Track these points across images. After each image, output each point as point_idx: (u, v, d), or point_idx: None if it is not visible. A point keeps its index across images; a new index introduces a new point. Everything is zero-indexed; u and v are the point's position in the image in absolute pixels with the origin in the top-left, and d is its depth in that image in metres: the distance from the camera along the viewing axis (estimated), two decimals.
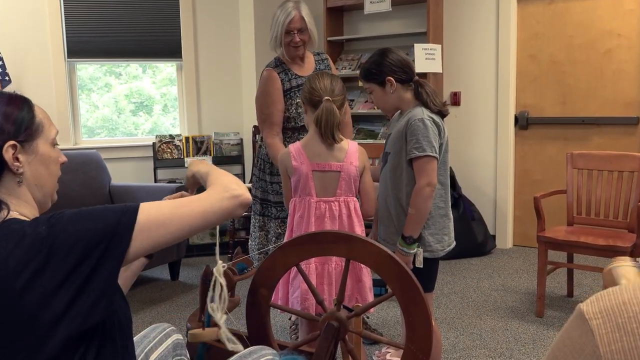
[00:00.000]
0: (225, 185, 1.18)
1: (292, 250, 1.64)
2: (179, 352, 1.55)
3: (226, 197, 1.15)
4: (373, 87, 2.16)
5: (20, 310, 1.00)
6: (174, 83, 4.98)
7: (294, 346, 1.73)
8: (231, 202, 1.16)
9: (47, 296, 1.00)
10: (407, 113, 2.11)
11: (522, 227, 4.67)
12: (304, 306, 2.11)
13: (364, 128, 4.88)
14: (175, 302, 3.58)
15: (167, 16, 4.73)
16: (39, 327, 1.00)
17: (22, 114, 1.13)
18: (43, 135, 1.17)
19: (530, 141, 4.56)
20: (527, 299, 3.47)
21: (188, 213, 1.11)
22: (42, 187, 1.18)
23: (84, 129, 4.73)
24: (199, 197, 1.15)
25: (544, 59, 4.42)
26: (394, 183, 2.13)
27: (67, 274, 1.01)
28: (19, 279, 0.99)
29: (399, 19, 4.81)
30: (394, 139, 2.13)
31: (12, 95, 1.16)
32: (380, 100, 2.18)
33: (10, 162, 1.10)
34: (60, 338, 1.01)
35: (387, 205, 2.18)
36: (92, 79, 4.86)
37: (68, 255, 1.01)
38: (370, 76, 2.15)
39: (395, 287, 1.56)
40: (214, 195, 1.15)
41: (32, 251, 1.00)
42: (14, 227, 1.04)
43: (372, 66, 2.14)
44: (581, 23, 4.25)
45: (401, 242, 2.07)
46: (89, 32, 4.55)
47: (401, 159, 2.10)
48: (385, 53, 2.14)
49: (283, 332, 3.06)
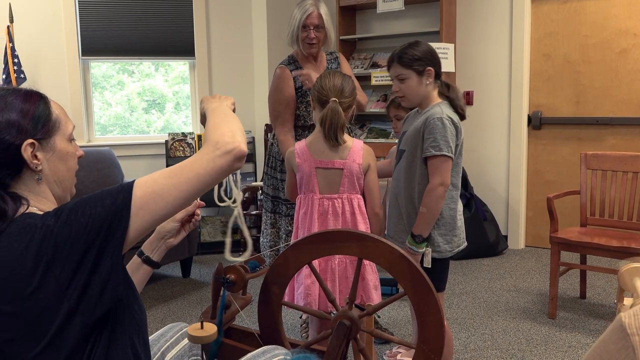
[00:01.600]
0: (216, 141, 1.11)
1: (304, 248, 1.65)
2: (195, 352, 1.55)
3: (217, 155, 1.10)
4: (410, 75, 2.08)
5: (38, 302, 1.01)
6: (186, 81, 5.00)
7: (306, 345, 1.74)
8: (224, 159, 1.10)
9: (61, 287, 1.01)
10: (426, 111, 2.09)
11: (534, 227, 4.64)
12: (306, 301, 2.12)
13: (376, 127, 4.87)
14: (186, 300, 3.60)
15: (180, 15, 4.75)
16: (57, 318, 1.02)
17: (39, 111, 1.13)
18: (60, 131, 1.17)
19: (544, 141, 4.53)
20: (539, 300, 3.44)
21: (183, 180, 1.08)
22: (61, 182, 1.19)
23: (97, 127, 4.76)
24: (192, 160, 1.11)
25: (558, 59, 4.39)
26: (407, 181, 2.12)
27: (77, 264, 1.02)
28: (35, 272, 1.01)
29: (411, 18, 4.79)
30: (410, 136, 2.11)
31: (28, 92, 1.15)
32: (412, 89, 2.10)
33: (29, 160, 1.10)
34: (77, 327, 1.03)
35: (398, 202, 2.17)
36: (106, 77, 4.89)
37: (74, 245, 1.02)
38: (412, 62, 2.07)
39: (407, 287, 1.56)
40: (205, 156, 1.10)
41: (44, 244, 1.01)
42: (28, 221, 1.05)
43: (416, 53, 2.08)
44: (596, 22, 4.21)
45: (410, 240, 2.06)
46: (102, 31, 4.58)
47: (416, 156, 2.08)
48: (428, 44, 2.13)
49: (294, 330, 3.07)
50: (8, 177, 1.10)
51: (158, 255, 1.51)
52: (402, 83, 2.11)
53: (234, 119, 1.20)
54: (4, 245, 1.03)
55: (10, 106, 1.10)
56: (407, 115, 2.33)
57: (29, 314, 1.02)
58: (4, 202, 1.07)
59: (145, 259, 1.49)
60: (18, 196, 1.10)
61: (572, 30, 4.31)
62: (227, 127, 1.15)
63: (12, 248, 1.03)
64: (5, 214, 1.06)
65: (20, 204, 1.09)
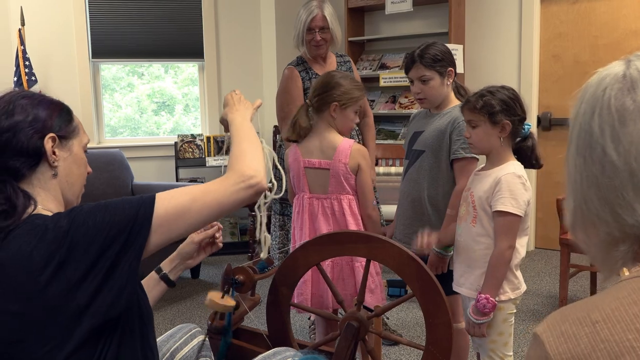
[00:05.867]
0: (241, 172, 1.17)
1: (313, 249, 1.65)
2: (204, 353, 1.56)
3: (242, 187, 1.16)
4: (433, 76, 2.06)
5: (45, 302, 1.02)
6: (195, 83, 5.02)
7: (314, 346, 1.74)
8: (247, 193, 1.17)
9: (71, 288, 1.02)
10: (447, 113, 2.08)
11: (544, 229, 4.61)
12: (298, 300, 2.09)
13: (385, 129, 4.87)
14: (196, 301, 3.61)
15: (189, 17, 4.77)
16: (64, 318, 1.03)
17: (63, 113, 1.21)
18: (78, 137, 1.23)
19: (553, 142, 4.50)
20: (549, 302, 3.43)
21: (206, 205, 1.13)
22: (72, 185, 1.22)
23: (107, 128, 4.80)
24: (215, 188, 1.15)
25: (568, 60, 4.36)
26: (429, 182, 2.10)
27: (89, 267, 1.03)
28: (43, 272, 1.02)
29: (420, 19, 4.78)
30: (432, 137, 2.09)
31: (55, 100, 1.24)
32: (435, 90, 2.08)
33: (49, 152, 1.15)
34: (84, 329, 1.04)
35: (413, 204, 2.14)
36: (116, 79, 4.93)
37: (89, 248, 1.03)
38: (436, 63, 2.06)
39: (415, 288, 1.56)
40: (230, 187, 1.16)
41: (55, 245, 1.03)
42: (37, 222, 1.07)
43: (438, 54, 2.07)
44: (606, 23, 4.19)
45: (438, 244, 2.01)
46: (112, 34, 4.61)
47: (439, 157, 2.06)
48: (444, 44, 2.11)
49: (302, 331, 3.07)
50: (26, 166, 1.13)
51: (174, 275, 1.56)
52: (425, 85, 2.08)
53: (257, 148, 1.27)
54: (13, 246, 1.05)
55: (39, 103, 1.18)
56: (413, 115, 2.32)
57: (37, 313, 1.03)
58: (16, 196, 1.10)
59: (163, 276, 1.54)
60: (28, 195, 1.13)
61: (582, 31, 4.29)
62: (252, 158, 1.22)
63: (21, 249, 1.04)
64: (15, 209, 1.08)
65: (29, 203, 1.11)
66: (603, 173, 0.70)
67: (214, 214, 1.14)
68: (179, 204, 1.11)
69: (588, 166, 0.72)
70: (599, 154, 0.70)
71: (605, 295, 0.68)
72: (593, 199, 0.71)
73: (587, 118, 0.73)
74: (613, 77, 0.72)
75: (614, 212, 0.69)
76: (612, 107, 0.70)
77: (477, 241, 1.79)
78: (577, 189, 0.73)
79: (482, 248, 1.78)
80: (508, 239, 1.72)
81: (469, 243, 1.81)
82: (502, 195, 1.71)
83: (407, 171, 2.19)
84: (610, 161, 0.69)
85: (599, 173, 0.70)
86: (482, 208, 1.77)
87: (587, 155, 0.71)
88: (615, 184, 0.68)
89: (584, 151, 0.72)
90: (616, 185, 0.68)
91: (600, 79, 0.75)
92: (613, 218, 0.70)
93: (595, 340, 0.62)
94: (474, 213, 1.79)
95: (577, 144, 0.74)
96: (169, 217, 1.09)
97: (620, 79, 0.71)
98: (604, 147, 0.69)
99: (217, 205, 1.14)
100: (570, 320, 0.66)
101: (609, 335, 0.62)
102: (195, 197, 1.13)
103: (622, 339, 0.61)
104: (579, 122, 0.74)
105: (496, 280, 1.73)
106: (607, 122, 0.70)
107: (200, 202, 1.12)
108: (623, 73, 0.72)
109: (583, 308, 0.67)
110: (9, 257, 1.04)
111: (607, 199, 0.70)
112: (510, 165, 1.79)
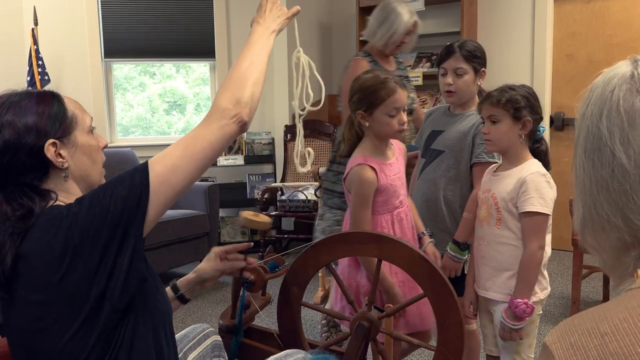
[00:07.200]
0: (222, 108, 1.17)
1: (323, 249, 1.65)
2: (217, 353, 1.56)
3: (225, 123, 1.17)
4: (468, 70, 2.05)
5: (68, 289, 1.03)
6: (206, 83, 5.03)
7: (325, 346, 1.74)
8: (232, 128, 1.17)
9: (90, 272, 1.03)
10: (471, 114, 2.06)
11: (556, 230, 4.57)
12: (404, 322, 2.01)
13: None
14: (206, 300, 3.62)
15: (200, 17, 4.79)
16: (88, 303, 1.04)
17: (54, 110, 1.14)
18: (79, 126, 1.18)
19: (566, 142, 4.47)
20: (561, 303, 3.40)
21: (198, 149, 1.13)
22: (88, 176, 1.20)
23: (119, 128, 4.83)
24: (202, 129, 1.16)
25: (581, 59, 4.33)
26: (446, 183, 2.07)
27: (103, 247, 1.04)
28: (63, 260, 1.03)
29: (432, 18, 4.76)
30: (454, 138, 2.06)
31: (40, 93, 1.17)
32: (467, 85, 2.06)
33: (53, 159, 1.12)
34: (108, 311, 1.05)
35: (428, 204, 2.11)
36: (127, 78, 4.95)
37: (99, 228, 1.04)
38: (475, 58, 2.06)
39: (426, 288, 1.55)
40: (214, 123, 1.16)
41: (70, 231, 1.03)
42: (55, 212, 1.08)
43: (479, 51, 2.08)
44: (620, 22, 4.15)
45: (453, 247, 1.98)
46: (124, 33, 4.64)
47: (459, 160, 2.04)
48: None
49: (313, 331, 3.07)
50: (36, 179, 1.12)
51: (189, 294, 1.60)
52: (459, 78, 2.05)
53: (256, 71, 1.26)
54: (34, 237, 1.06)
55: (25, 110, 1.11)
56: (428, 112, 2.29)
57: (60, 301, 1.04)
58: (32, 201, 1.09)
59: (180, 296, 1.57)
60: (47, 191, 1.12)
61: (596, 30, 4.25)
62: (241, 85, 1.21)
63: (41, 239, 1.05)
64: (32, 212, 1.08)
65: (49, 199, 1.11)
66: (613, 177, 0.68)
67: (209, 156, 1.14)
68: (173, 157, 1.11)
69: (597, 170, 0.70)
70: (608, 157, 0.68)
71: (615, 305, 0.66)
72: (603, 204, 0.69)
73: (595, 120, 0.71)
74: (621, 78, 0.71)
75: (625, 217, 0.68)
76: (621, 108, 0.68)
77: (502, 243, 1.75)
78: (586, 193, 0.72)
79: (509, 250, 1.74)
80: (538, 239, 1.69)
81: (494, 246, 1.78)
82: (530, 195, 1.69)
83: (423, 170, 2.16)
84: (620, 164, 0.67)
85: (608, 177, 0.69)
86: (506, 209, 1.74)
87: (596, 158, 0.70)
88: (626, 188, 0.67)
89: (593, 154, 0.71)
90: (627, 189, 0.67)
91: (607, 80, 0.72)
92: (624, 223, 0.68)
93: (604, 353, 0.61)
94: (498, 215, 1.76)
95: (585, 147, 0.72)
96: (168, 172, 1.09)
97: (629, 80, 0.70)
98: (613, 150, 0.68)
99: (209, 147, 1.14)
100: (580, 332, 0.65)
101: (617, 348, 0.61)
102: (187, 144, 1.13)
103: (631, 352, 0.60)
104: (587, 125, 0.72)
105: (529, 283, 1.69)
106: (616, 124, 0.68)
107: (192, 148, 1.13)
108: (631, 73, 0.70)
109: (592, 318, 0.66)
110: (31, 248, 1.05)
111: (617, 203, 0.68)
112: (532, 164, 1.76)
